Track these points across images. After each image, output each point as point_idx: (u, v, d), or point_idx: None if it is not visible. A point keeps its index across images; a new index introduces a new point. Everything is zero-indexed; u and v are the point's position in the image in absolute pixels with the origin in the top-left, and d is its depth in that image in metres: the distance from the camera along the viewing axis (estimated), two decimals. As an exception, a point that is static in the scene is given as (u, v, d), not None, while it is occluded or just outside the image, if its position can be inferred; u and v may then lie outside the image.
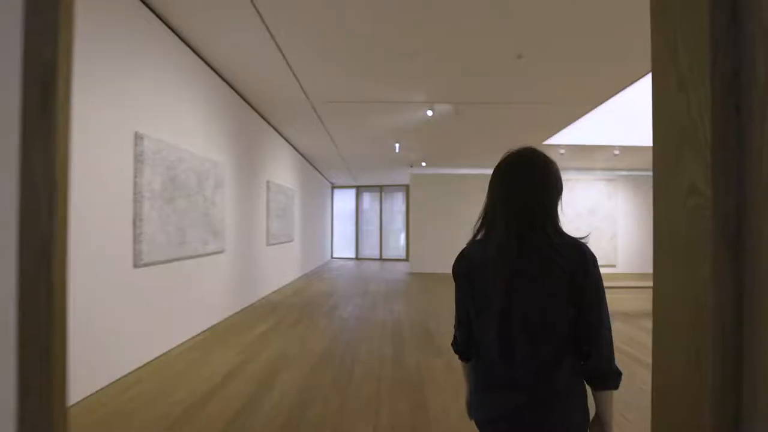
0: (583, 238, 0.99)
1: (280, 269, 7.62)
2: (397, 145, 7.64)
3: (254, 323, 4.93)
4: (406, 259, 13.06)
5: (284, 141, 7.68)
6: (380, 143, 7.65)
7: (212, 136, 4.62)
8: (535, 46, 3.74)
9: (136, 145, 3.16)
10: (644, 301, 6.56)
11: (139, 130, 3.21)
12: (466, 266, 1.08)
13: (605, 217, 10.56)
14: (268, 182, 6.68)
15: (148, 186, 3.29)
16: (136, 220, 3.15)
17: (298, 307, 5.91)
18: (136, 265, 3.18)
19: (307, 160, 9.91)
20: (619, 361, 3.05)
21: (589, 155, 8.53)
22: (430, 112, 5.39)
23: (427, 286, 8.22)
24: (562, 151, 7.96)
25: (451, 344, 1.17)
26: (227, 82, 4.88)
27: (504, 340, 0.97)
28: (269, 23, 3.42)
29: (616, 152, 7.99)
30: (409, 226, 10.95)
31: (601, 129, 7.22)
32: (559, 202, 1.02)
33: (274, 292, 7.09)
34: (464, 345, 1.11)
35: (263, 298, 6.43)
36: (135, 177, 3.15)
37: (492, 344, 0.99)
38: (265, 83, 4.84)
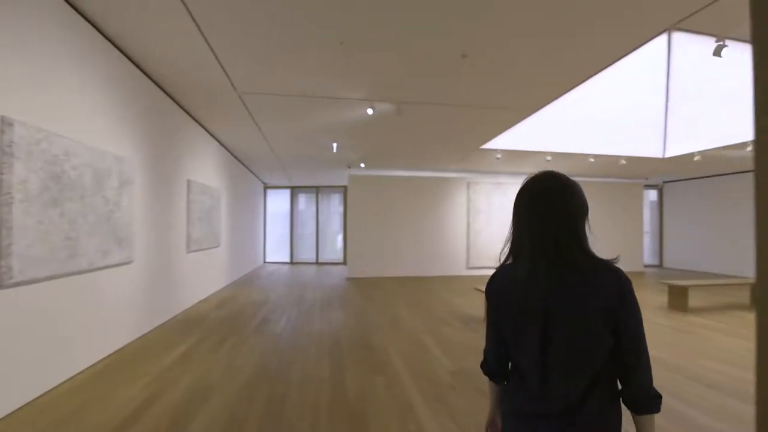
0: (613, 260, 1.01)
1: (205, 278, 6.89)
2: (334, 145, 7.26)
3: (171, 343, 4.29)
4: (344, 263, 12.69)
5: (209, 136, 6.96)
6: (317, 142, 7.22)
7: (116, 127, 3.92)
8: (480, 46, 3.60)
9: (2, 132, 2.48)
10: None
11: (6, 114, 2.53)
12: (499, 289, 1.07)
13: (535, 219, 11.01)
14: (189, 181, 5.96)
15: (21, 186, 2.61)
16: (2, 229, 2.48)
17: (225, 321, 5.30)
18: (2, 286, 2.50)
19: (237, 158, 9.16)
20: None
21: (522, 160, 8.80)
22: (370, 111, 5.10)
23: (366, 293, 7.93)
24: (499, 155, 8.11)
25: (481, 365, 1.18)
26: (136, 65, 4.19)
27: (542, 366, 0.97)
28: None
29: (548, 158, 8.30)
30: (346, 228, 10.61)
31: (534, 135, 7.43)
32: (587, 223, 1.03)
33: (198, 303, 6.37)
34: (495, 367, 1.13)
35: (184, 312, 5.71)
36: (0, 174, 2.47)
37: (530, 369, 1.00)
38: (183, 69, 4.23)
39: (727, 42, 3.62)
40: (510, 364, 1.10)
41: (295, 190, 13.93)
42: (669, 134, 7.35)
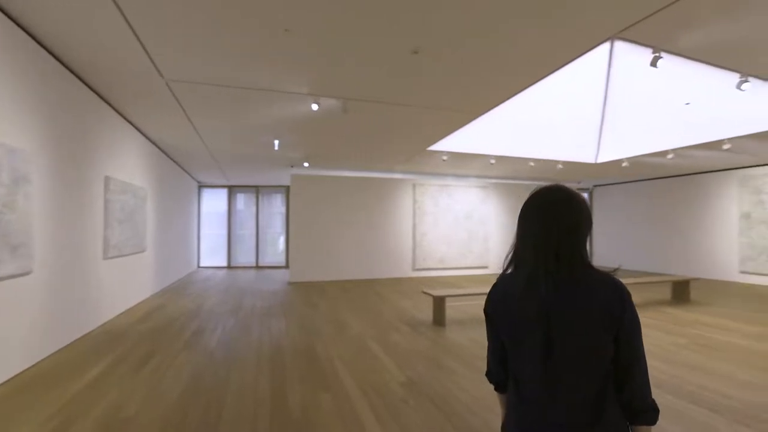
0: (613, 271, 1.02)
1: (127, 287, 6.16)
2: (276, 142, 6.84)
3: (82, 365, 3.69)
4: (286, 267, 12.16)
5: (133, 128, 6.24)
6: (257, 139, 6.75)
7: (14, 116, 3.29)
8: (432, 42, 3.45)
9: None
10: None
11: None
12: (499, 299, 1.09)
13: (479, 221, 11.28)
14: (107, 179, 5.27)
15: None
16: None
17: (150, 336, 4.72)
18: None
19: (167, 154, 8.37)
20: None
21: (467, 163, 8.91)
22: (315, 106, 4.79)
23: (310, 298, 7.56)
24: (445, 157, 8.12)
25: (486, 374, 1.19)
26: (36, 39, 3.56)
27: (546, 378, 0.96)
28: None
29: (492, 161, 8.47)
30: (289, 230, 10.15)
31: (479, 138, 7.53)
32: (588, 237, 1.03)
33: (119, 316, 5.66)
34: (499, 376, 1.14)
35: (102, 327, 5.03)
36: None
37: (532, 381, 1.00)
38: (97, 49, 3.67)
39: (662, 54, 3.79)
40: (515, 375, 1.08)
41: (233, 190, 13.14)
42: (602, 141, 7.79)
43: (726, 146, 6.87)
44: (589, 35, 3.31)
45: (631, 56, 4.82)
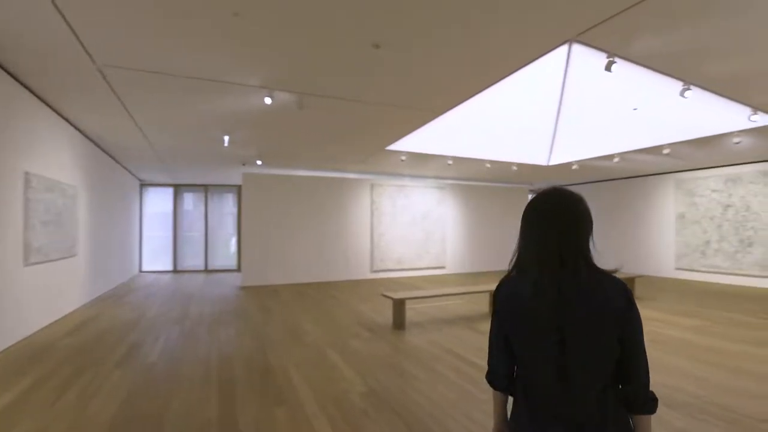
0: (614, 271, 1.04)
1: (54, 296, 5.51)
2: (226, 138, 6.42)
3: (-10, 391, 3.19)
4: (238, 270, 11.59)
5: (60, 119, 5.60)
6: (205, 134, 6.30)
7: None
8: (394, 36, 3.31)
9: None
10: (477, 304, 6.99)
11: None
12: (506, 303, 1.10)
13: (436, 221, 11.33)
14: (27, 175, 4.66)
15: None
16: None
17: (78, 352, 4.21)
18: None
19: (103, 150, 7.65)
20: (469, 376, 2.69)
21: (425, 163, 8.88)
22: (269, 100, 4.50)
23: (264, 303, 7.19)
24: (404, 157, 8.04)
25: (487, 375, 1.19)
26: (-67, 12, 3.02)
27: (559, 378, 0.99)
28: None
29: (450, 162, 8.50)
30: (241, 231, 9.64)
31: (437, 139, 7.50)
32: (591, 237, 1.05)
33: (43, 329, 5.03)
34: (504, 380, 1.14)
35: (21, 343, 4.43)
36: None
37: (544, 381, 1.02)
38: (12, 24, 3.18)
39: (616, 59, 3.87)
40: (516, 376, 1.12)
41: (179, 189, 12.34)
42: (555, 144, 8.03)
43: (666, 151, 7.30)
44: (553, 35, 3.31)
45: (587, 60, 4.94)
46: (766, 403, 3.01)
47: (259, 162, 8.66)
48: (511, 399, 1.16)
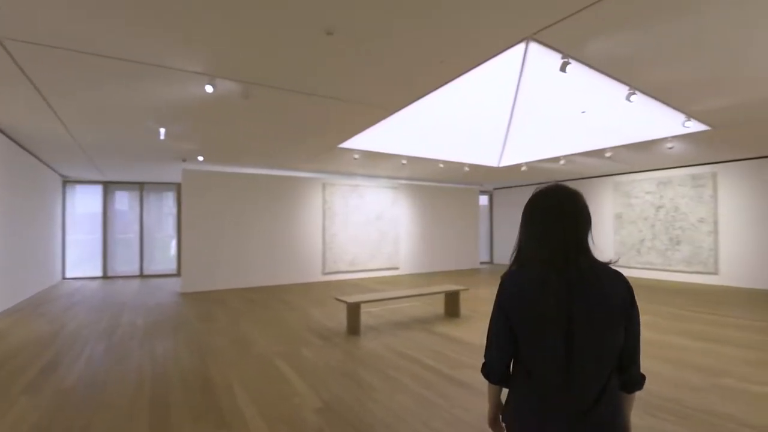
0: (610, 262, 1.10)
1: (-53, 311, 4.69)
2: (162, 131, 5.83)
3: None
4: (179, 275, 10.77)
5: (-43, 104, 4.78)
6: (137, 125, 5.68)
7: None
8: (350, 22, 3.07)
9: None
10: (433, 306, 6.91)
11: None
12: (512, 297, 1.12)
13: (390, 221, 11.20)
14: None
15: None
16: None
17: (-25, 378, 3.57)
18: None
19: (17, 142, 6.71)
20: (426, 381, 2.49)
21: (379, 163, 8.71)
22: (210, 88, 4.08)
23: (206, 311, 6.64)
24: (357, 156, 7.81)
25: (483, 367, 1.21)
26: None
27: (567, 367, 1.01)
28: None
29: (404, 161, 8.38)
30: (181, 233, 8.91)
31: (391, 138, 7.36)
32: (589, 232, 1.10)
33: (-71, 351, 4.25)
34: (502, 372, 1.16)
35: None
36: None
37: (549, 372, 1.04)
38: None
39: (570, 60, 3.90)
40: (515, 367, 1.16)
41: (110, 187, 11.26)
42: (507, 145, 8.17)
43: (608, 154, 7.66)
44: (511, 32, 3.23)
45: (542, 60, 4.99)
46: (710, 396, 3.12)
47: (200, 158, 8.04)
48: (504, 391, 1.21)
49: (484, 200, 14.40)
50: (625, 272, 8.74)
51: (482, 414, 2.86)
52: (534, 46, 4.82)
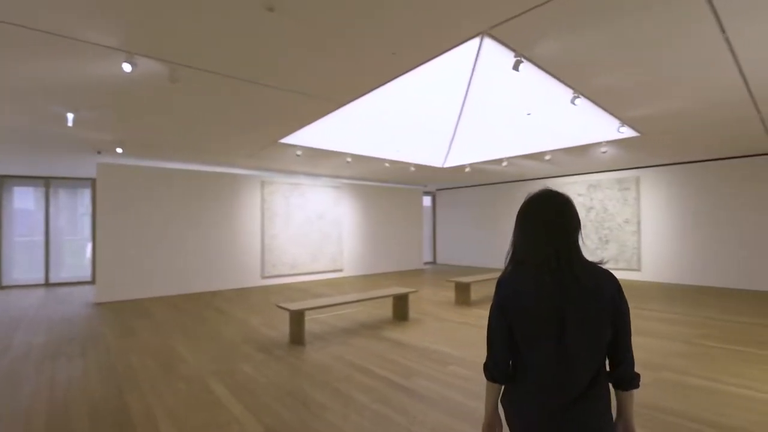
0: (600, 263, 1.17)
1: None
2: (70, 116, 5.00)
3: None
4: (93, 282, 9.54)
5: None
6: (38, 108, 4.82)
7: None
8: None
9: None
10: (380, 309, 6.68)
11: None
12: (508, 297, 1.18)
13: (333, 222, 10.82)
14: None
15: None
16: None
17: None
18: None
19: None
20: (381, 395, 2.18)
21: (322, 160, 8.31)
22: (128, 67, 3.48)
23: (125, 324, 5.85)
24: (299, 152, 7.36)
25: (485, 365, 1.24)
26: None
27: (559, 362, 1.09)
28: None
29: (349, 159, 8.08)
30: (96, 235, 7.82)
31: (335, 135, 7.04)
32: (579, 233, 1.16)
33: None
34: (503, 366, 1.21)
35: None
36: None
37: (544, 366, 1.12)
38: None
39: (523, 60, 3.86)
40: (514, 364, 1.22)
41: (6, 181, 9.70)
42: (453, 146, 8.17)
43: (547, 157, 7.94)
44: (467, 25, 3.08)
45: (494, 60, 4.95)
46: (652, 391, 3.19)
47: (119, 150, 7.12)
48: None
49: (427, 201, 14.51)
50: (565, 271, 8.96)
51: (438, 426, 2.66)
52: (487, 46, 4.79)
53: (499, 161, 8.50)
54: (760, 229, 7.80)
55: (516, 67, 3.91)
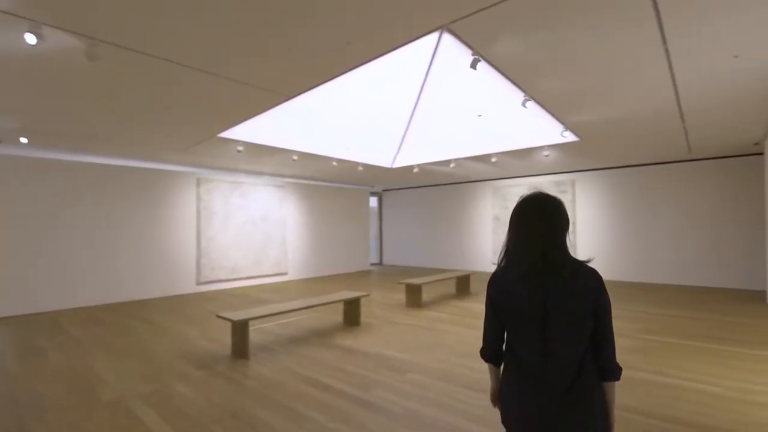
0: (587, 261, 1.25)
1: None
2: (-42, 98, 4.17)
3: None
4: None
5: None
6: None
7: None
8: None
9: None
10: (330, 315, 6.38)
11: None
12: (499, 290, 1.31)
13: (277, 223, 10.29)
14: None
15: None
16: None
17: None
18: None
19: None
20: (339, 411, 1.93)
21: (266, 158, 7.83)
22: (32, 39, 2.91)
23: (28, 343, 5.00)
24: (240, 148, 6.83)
25: (481, 351, 1.42)
26: None
27: (543, 352, 1.20)
28: None
29: (295, 157, 7.67)
30: (-5, 239, 6.69)
31: (281, 131, 6.64)
32: (567, 234, 1.25)
33: None
34: (496, 351, 1.38)
35: None
36: None
37: (531, 355, 1.23)
38: None
39: (480, 59, 3.80)
40: (506, 354, 1.33)
41: None
42: (403, 146, 8.06)
43: (493, 159, 8.10)
44: (427, 17, 2.94)
45: (450, 59, 4.87)
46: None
47: (24, 140, 6.15)
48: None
49: (373, 201, 14.37)
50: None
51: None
52: (444, 45, 4.69)
53: (447, 162, 8.55)
54: (684, 229, 8.57)
55: (474, 66, 3.85)
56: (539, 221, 1.22)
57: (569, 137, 6.49)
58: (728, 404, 3.01)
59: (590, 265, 1.24)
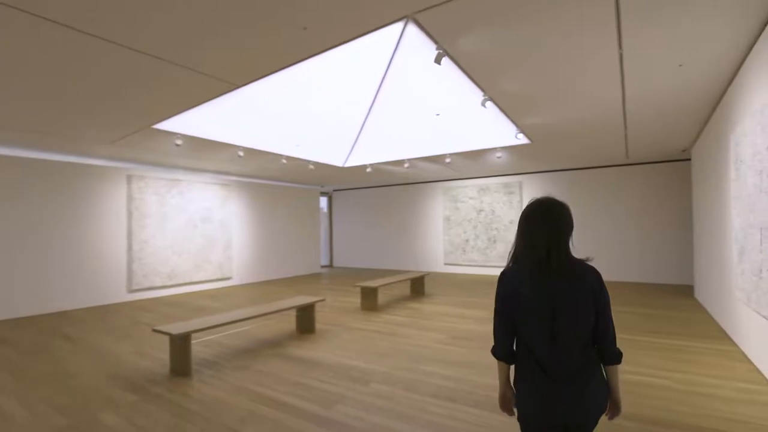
0: (587, 259, 1.41)
1: None
2: None
3: None
4: None
5: None
6: None
7: None
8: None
9: None
10: (282, 322, 5.98)
11: None
12: (512, 288, 1.41)
13: (220, 224, 9.60)
14: None
15: None
16: None
17: None
18: None
19: None
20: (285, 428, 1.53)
21: (209, 153, 7.23)
22: None
23: None
24: (179, 141, 6.21)
25: (492, 349, 1.49)
26: None
27: (550, 344, 1.33)
28: None
29: (241, 153, 7.15)
30: None
31: (226, 125, 6.15)
32: (571, 236, 1.39)
33: None
34: (507, 348, 1.46)
35: None
36: None
37: (541, 346, 1.35)
38: None
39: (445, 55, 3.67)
40: (518, 346, 1.44)
41: None
42: (357, 145, 7.81)
43: (447, 160, 8.10)
44: (391, 5, 2.75)
45: (412, 56, 4.70)
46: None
47: None
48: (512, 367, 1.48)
49: (323, 202, 13.97)
50: (452, 269, 9.42)
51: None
52: (407, 40, 4.51)
53: (402, 162, 8.44)
54: (625, 228, 9.12)
55: (438, 61, 3.71)
56: (546, 223, 1.35)
57: (522, 140, 6.61)
58: (681, 396, 3.11)
59: (590, 263, 1.39)
